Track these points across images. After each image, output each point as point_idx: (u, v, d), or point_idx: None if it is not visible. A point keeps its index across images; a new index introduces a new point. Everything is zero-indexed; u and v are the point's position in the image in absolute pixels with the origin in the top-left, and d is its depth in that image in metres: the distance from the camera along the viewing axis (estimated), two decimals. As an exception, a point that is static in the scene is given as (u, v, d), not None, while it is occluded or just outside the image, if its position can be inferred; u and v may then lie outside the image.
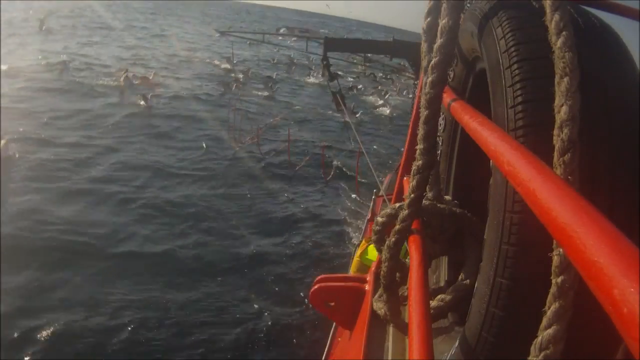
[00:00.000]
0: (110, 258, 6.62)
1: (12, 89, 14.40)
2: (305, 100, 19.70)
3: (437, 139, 1.29)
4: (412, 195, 1.10)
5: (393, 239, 1.18)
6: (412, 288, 0.94)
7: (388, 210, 1.31)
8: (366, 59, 11.29)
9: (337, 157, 12.62)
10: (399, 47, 8.55)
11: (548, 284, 0.67)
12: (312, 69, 24.63)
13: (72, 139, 11.15)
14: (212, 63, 25.27)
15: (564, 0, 0.79)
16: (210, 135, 12.98)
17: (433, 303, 1.29)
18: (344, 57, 11.79)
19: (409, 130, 2.19)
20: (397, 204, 1.30)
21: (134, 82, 16.88)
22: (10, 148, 9.39)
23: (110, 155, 10.63)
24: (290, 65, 26.91)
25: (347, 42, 10.22)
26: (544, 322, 0.67)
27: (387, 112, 19.21)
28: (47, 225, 7.17)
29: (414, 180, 1.09)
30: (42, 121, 12.10)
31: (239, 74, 21.33)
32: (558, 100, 0.73)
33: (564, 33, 0.75)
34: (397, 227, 1.16)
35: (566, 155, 0.69)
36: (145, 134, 12.44)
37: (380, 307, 1.39)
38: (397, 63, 11.57)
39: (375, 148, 13.81)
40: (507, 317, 0.94)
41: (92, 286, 5.93)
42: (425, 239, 1.20)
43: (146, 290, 6.02)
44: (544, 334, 0.66)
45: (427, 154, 1.09)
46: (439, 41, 1.05)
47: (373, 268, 1.81)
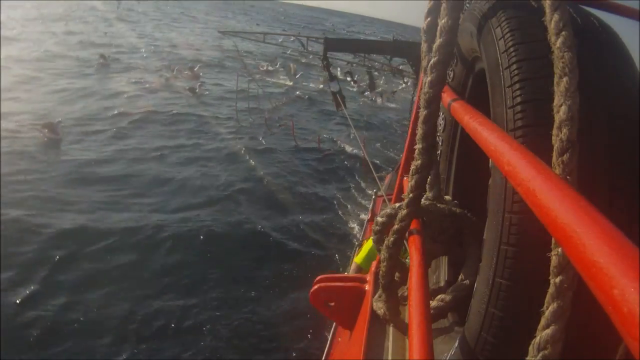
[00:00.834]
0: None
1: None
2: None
3: (437, 138, 1.29)
4: (411, 195, 1.10)
5: (392, 239, 1.18)
6: (412, 288, 0.94)
7: (387, 210, 1.30)
8: (366, 59, 11.31)
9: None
10: (399, 47, 8.56)
11: (547, 284, 0.67)
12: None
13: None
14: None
15: (563, 0, 0.79)
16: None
17: (433, 303, 1.29)
18: (343, 58, 11.83)
19: (409, 130, 2.20)
20: (397, 204, 1.30)
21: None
22: (61, 130, 10.38)
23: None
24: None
25: (347, 42, 10.22)
26: (542, 322, 0.67)
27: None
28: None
29: (413, 180, 1.09)
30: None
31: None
32: (557, 100, 0.73)
33: (563, 33, 0.75)
34: (396, 226, 1.16)
35: (565, 155, 0.69)
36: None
37: (380, 307, 1.39)
38: (398, 64, 11.62)
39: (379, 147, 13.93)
40: (507, 318, 0.94)
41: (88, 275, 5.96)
42: (425, 239, 1.20)
43: (145, 289, 6.02)
44: (542, 334, 0.66)
45: (426, 153, 1.09)
46: (438, 41, 1.05)
47: (373, 268, 1.81)
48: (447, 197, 1.45)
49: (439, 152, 1.63)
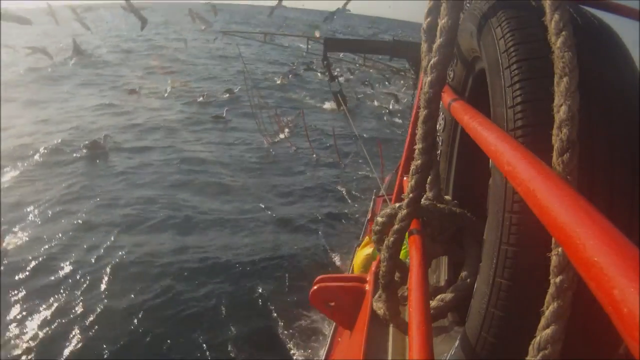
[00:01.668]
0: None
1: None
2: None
3: (437, 138, 1.29)
4: (411, 195, 1.10)
5: (392, 239, 1.18)
6: (412, 288, 0.94)
7: (387, 210, 1.30)
8: (366, 59, 11.30)
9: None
10: (399, 47, 8.56)
11: (547, 284, 0.67)
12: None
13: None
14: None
15: (563, 0, 0.79)
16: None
17: (433, 303, 1.28)
18: (344, 58, 11.82)
19: (409, 129, 2.20)
20: (397, 204, 1.30)
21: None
22: (107, 142, 11.24)
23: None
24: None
25: (347, 42, 10.22)
26: (542, 322, 0.67)
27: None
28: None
29: (413, 180, 1.09)
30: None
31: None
32: (557, 100, 0.73)
33: (563, 33, 0.75)
34: (396, 226, 1.16)
35: (565, 155, 0.69)
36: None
37: (380, 307, 1.39)
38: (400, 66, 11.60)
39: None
40: (507, 317, 0.94)
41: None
42: (425, 239, 1.20)
43: (145, 289, 6.03)
44: (543, 334, 0.66)
45: (426, 153, 1.09)
46: (438, 41, 1.05)
47: (373, 268, 1.81)
48: (447, 197, 1.45)
49: (438, 152, 1.63)
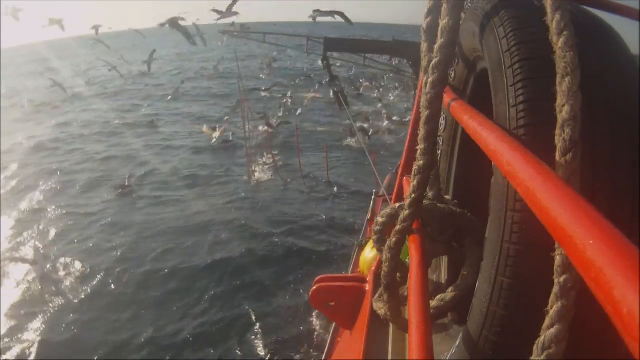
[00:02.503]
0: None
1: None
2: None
3: (438, 138, 1.29)
4: (413, 196, 1.10)
5: (394, 239, 1.17)
6: (412, 288, 0.94)
7: (388, 211, 1.30)
8: (366, 59, 11.28)
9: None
10: (399, 47, 8.55)
11: (550, 282, 0.67)
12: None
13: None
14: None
15: (564, 0, 0.79)
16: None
17: (433, 303, 1.28)
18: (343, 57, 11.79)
19: (409, 130, 2.19)
20: (397, 204, 1.30)
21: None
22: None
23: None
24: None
25: (347, 42, 10.19)
26: (547, 321, 0.67)
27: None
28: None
29: (415, 181, 1.09)
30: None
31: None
32: (560, 100, 0.73)
33: (565, 33, 0.75)
34: (398, 227, 1.15)
35: (568, 155, 0.69)
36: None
37: (380, 307, 1.38)
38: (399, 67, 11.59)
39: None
40: (509, 316, 0.94)
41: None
42: (425, 239, 1.19)
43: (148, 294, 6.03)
44: (547, 333, 0.66)
45: (428, 154, 1.08)
46: (439, 41, 1.05)
47: (373, 268, 1.81)
48: (447, 197, 1.45)
49: (439, 151, 1.63)
